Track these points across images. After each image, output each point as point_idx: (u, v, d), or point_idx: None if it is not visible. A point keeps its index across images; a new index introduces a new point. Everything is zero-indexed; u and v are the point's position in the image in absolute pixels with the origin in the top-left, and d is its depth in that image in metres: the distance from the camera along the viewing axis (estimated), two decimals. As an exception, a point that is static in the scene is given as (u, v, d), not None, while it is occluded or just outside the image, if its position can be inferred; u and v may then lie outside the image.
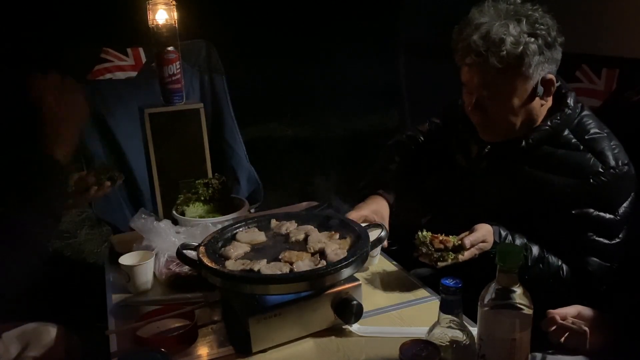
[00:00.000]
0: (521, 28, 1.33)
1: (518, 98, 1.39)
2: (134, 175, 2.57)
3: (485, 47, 1.32)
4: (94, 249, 3.44)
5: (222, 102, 2.80)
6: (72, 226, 3.76)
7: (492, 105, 1.41)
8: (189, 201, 1.79)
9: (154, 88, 2.00)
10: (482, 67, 1.35)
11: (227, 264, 1.25)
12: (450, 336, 0.98)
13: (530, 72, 1.35)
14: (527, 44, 1.32)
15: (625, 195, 1.38)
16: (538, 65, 1.35)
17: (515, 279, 0.94)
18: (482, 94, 1.41)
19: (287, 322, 1.19)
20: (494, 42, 1.32)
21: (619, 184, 1.36)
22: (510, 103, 1.39)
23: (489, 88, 1.39)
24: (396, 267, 1.57)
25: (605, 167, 1.35)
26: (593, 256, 1.37)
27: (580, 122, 1.43)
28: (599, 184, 1.34)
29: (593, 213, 1.36)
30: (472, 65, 1.38)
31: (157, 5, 1.85)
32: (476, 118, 1.47)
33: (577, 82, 1.90)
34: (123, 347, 1.23)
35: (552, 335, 1.13)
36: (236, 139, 2.80)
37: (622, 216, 1.37)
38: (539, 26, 1.34)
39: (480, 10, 1.38)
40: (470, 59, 1.37)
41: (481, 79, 1.38)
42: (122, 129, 2.58)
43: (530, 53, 1.32)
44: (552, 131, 1.42)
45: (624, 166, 1.36)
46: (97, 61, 2.62)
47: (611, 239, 1.37)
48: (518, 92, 1.38)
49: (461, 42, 1.38)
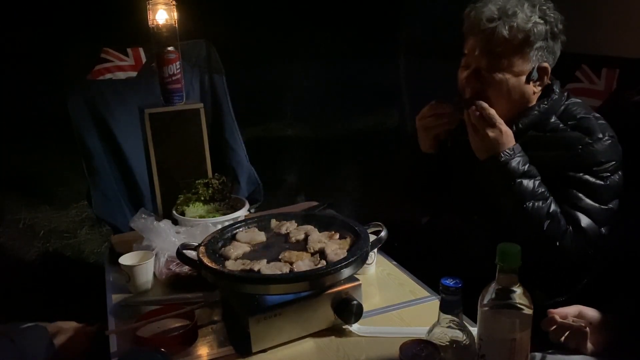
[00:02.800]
0: (534, 10, 1.41)
1: (513, 75, 1.44)
2: (134, 175, 2.57)
3: (498, 15, 1.41)
4: (94, 249, 3.44)
5: (222, 102, 2.79)
6: (72, 226, 3.77)
7: (487, 77, 1.46)
8: (189, 201, 1.79)
9: (154, 88, 2.00)
10: (489, 35, 1.42)
11: (227, 264, 1.25)
12: (450, 336, 0.98)
13: (531, 54, 1.42)
14: (536, 24, 1.40)
15: (614, 166, 1.42)
16: (539, 49, 1.43)
17: (515, 279, 0.94)
18: (481, 64, 1.46)
19: (287, 322, 1.19)
20: (507, 13, 1.40)
21: (607, 152, 1.41)
22: (505, 78, 1.44)
23: (490, 58, 1.44)
24: (396, 267, 1.57)
25: (592, 138, 1.41)
26: (582, 213, 1.41)
27: (566, 109, 1.49)
28: (587, 151, 1.41)
29: (583, 177, 1.41)
30: (479, 33, 1.44)
31: (157, 5, 1.85)
32: (470, 90, 1.49)
33: (577, 82, 1.90)
34: (123, 347, 1.23)
35: (552, 334, 1.13)
36: (236, 139, 2.79)
37: (610, 185, 1.41)
38: (549, 13, 1.43)
39: None
40: (481, 25, 1.42)
41: (485, 48, 1.44)
42: (122, 129, 2.58)
43: (537, 33, 1.41)
44: (540, 116, 1.48)
45: (610, 138, 1.42)
46: (97, 61, 2.62)
47: (600, 203, 1.41)
48: (515, 69, 1.44)
49: (474, 10, 1.45)
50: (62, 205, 4.05)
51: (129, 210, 2.49)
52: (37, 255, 3.40)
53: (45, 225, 3.77)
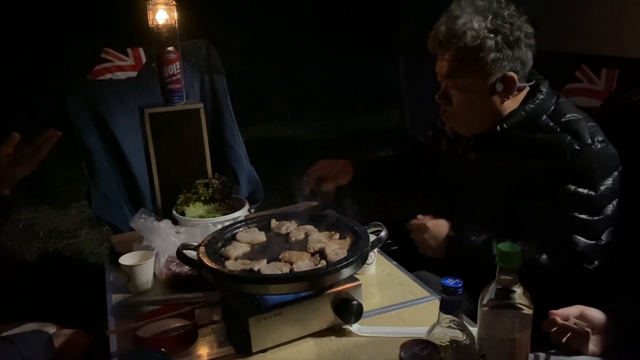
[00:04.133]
0: (485, 24, 1.38)
1: (476, 91, 1.45)
2: (134, 175, 2.57)
3: (447, 37, 1.41)
4: (94, 249, 3.44)
5: (222, 102, 2.79)
6: (72, 226, 3.77)
7: (454, 95, 1.48)
8: (189, 201, 1.79)
9: (154, 88, 2.00)
10: (445, 57, 1.44)
11: (227, 264, 1.25)
12: (450, 336, 0.98)
13: (488, 67, 1.40)
14: (484, 39, 1.38)
15: (604, 172, 1.39)
16: (496, 61, 1.40)
17: (516, 279, 0.94)
18: (447, 83, 1.48)
19: (287, 322, 1.19)
20: (455, 34, 1.39)
21: (596, 160, 1.38)
22: (468, 95, 1.46)
23: (451, 78, 1.46)
24: (396, 267, 1.57)
25: (581, 145, 1.37)
26: (577, 234, 1.38)
27: (557, 107, 1.46)
28: (576, 160, 1.37)
29: (572, 189, 1.38)
30: (439, 54, 1.47)
31: (157, 5, 1.85)
32: (441, 108, 1.54)
33: (577, 82, 1.89)
34: (123, 347, 1.22)
35: (554, 336, 1.13)
36: (236, 139, 2.79)
37: (603, 192, 1.38)
38: (502, 24, 1.39)
39: (458, 4, 1.45)
40: (435, 47, 1.46)
41: (445, 69, 1.45)
42: (122, 129, 2.58)
43: (487, 48, 1.38)
44: (527, 116, 1.46)
45: (599, 143, 1.38)
46: (97, 61, 2.62)
47: (593, 214, 1.38)
48: (476, 85, 1.44)
49: (433, 30, 1.47)
50: (62, 205, 4.05)
51: (129, 210, 2.49)
52: (37, 255, 3.40)
53: (45, 225, 3.77)
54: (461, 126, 1.57)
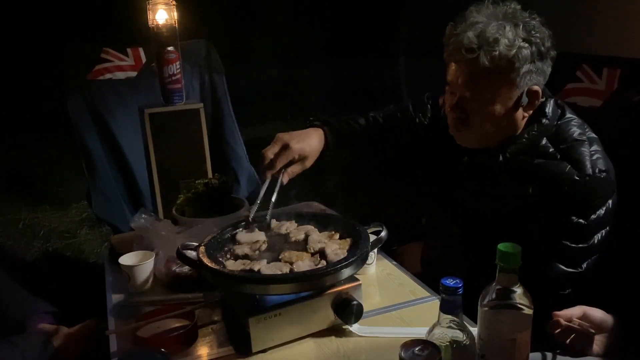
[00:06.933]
0: (517, 32, 1.29)
1: (501, 104, 1.35)
2: (134, 175, 2.57)
3: (478, 44, 1.28)
4: (94, 249, 3.44)
5: (222, 102, 2.79)
6: (72, 226, 3.76)
7: (473, 108, 1.37)
8: (189, 201, 1.79)
9: (154, 88, 2.00)
10: (471, 65, 1.31)
11: (227, 264, 1.25)
12: (450, 336, 0.98)
13: (518, 79, 1.31)
14: (520, 49, 1.28)
15: (599, 203, 1.34)
16: (527, 73, 1.31)
17: (516, 279, 0.94)
18: (465, 94, 1.36)
19: (287, 322, 1.19)
20: (487, 41, 1.28)
21: (594, 192, 1.32)
22: (492, 108, 1.35)
23: (474, 89, 1.34)
24: (396, 267, 1.57)
25: (580, 175, 1.31)
26: (557, 262, 1.33)
27: (558, 130, 1.39)
28: (573, 191, 1.31)
29: (564, 218, 1.33)
30: (460, 62, 1.34)
31: (157, 5, 1.85)
32: (453, 120, 1.42)
33: (577, 82, 1.89)
34: (123, 347, 1.23)
35: (558, 337, 1.12)
36: (236, 139, 2.80)
37: (592, 222, 1.32)
38: (534, 34, 1.31)
39: (478, 9, 1.35)
40: (460, 55, 1.32)
41: (467, 78, 1.34)
42: (122, 129, 2.58)
43: (522, 58, 1.29)
44: (529, 143, 1.39)
45: (600, 173, 1.32)
46: (97, 61, 2.62)
47: (578, 242, 1.33)
48: (502, 98, 1.34)
49: (454, 37, 1.33)
50: (62, 205, 4.04)
51: (129, 210, 2.49)
52: (37, 255, 3.39)
53: (45, 225, 3.76)
54: (472, 141, 1.45)
